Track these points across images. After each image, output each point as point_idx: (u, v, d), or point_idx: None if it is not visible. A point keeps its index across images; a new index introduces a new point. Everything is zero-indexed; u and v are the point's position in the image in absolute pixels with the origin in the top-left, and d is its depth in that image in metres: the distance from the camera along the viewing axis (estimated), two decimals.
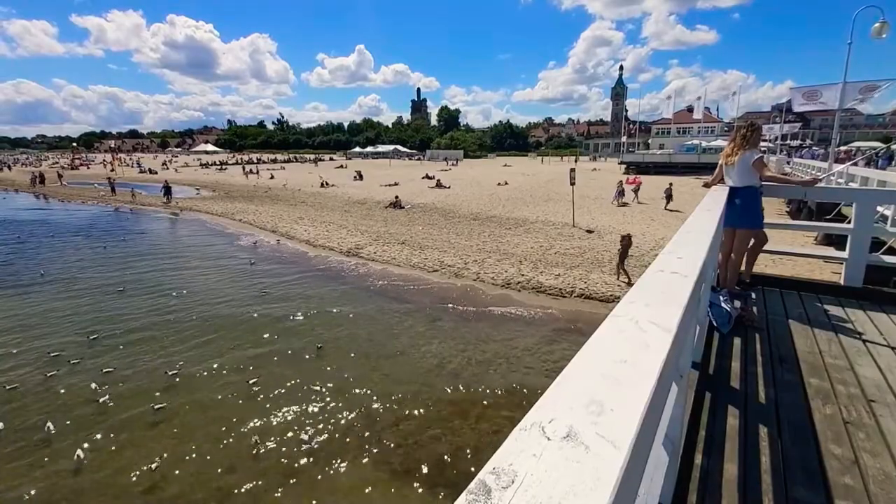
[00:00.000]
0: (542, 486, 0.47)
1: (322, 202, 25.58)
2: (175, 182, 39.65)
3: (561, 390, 0.68)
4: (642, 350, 0.83)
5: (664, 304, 1.10)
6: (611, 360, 0.79)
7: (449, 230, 17.01)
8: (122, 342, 8.29)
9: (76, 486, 4.87)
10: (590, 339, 0.87)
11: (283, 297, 10.72)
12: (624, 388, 0.68)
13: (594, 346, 0.85)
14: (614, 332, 0.93)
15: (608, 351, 0.83)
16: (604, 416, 0.59)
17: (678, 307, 1.08)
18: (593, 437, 0.55)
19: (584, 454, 0.52)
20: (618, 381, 0.70)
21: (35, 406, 6.29)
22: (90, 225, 21.19)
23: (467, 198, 25.29)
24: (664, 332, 0.92)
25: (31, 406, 6.30)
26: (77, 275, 12.67)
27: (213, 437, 5.61)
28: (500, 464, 0.50)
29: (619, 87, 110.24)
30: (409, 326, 8.96)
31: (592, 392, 0.66)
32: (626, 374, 0.73)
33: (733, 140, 4.51)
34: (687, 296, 1.17)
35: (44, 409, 6.22)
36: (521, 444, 0.53)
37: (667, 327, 0.94)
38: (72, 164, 63.83)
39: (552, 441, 0.54)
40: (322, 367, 7.40)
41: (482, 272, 11.87)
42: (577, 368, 0.76)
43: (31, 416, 6.06)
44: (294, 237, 16.84)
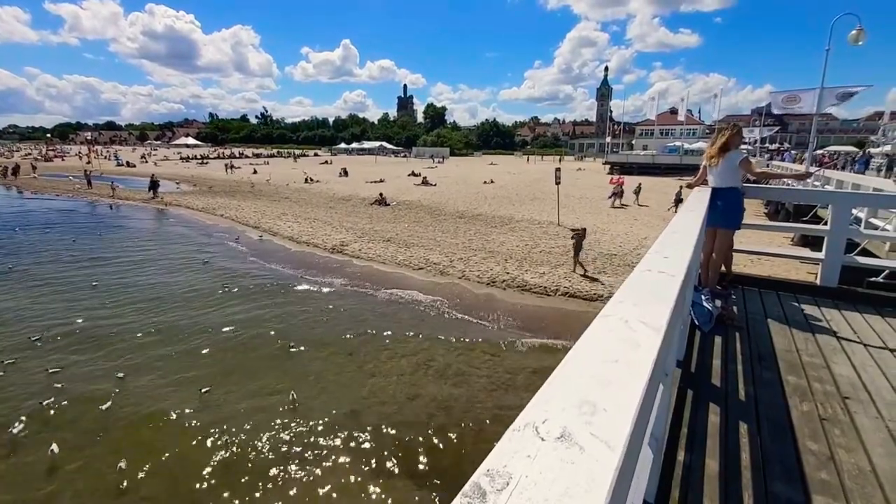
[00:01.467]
0: (537, 488, 0.46)
1: (306, 198, 25.28)
2: (157, 175, 38.76)
3: (553, 390, 0.67)
4: (633, 349, 0.83)
5: (652, 303, 1.10)
6: (602, 359, 0.78)
7: (435, 228, 16.98)
8: (81, 341, 8.07)
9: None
10: (580, 339, 0.87)
11: (258, 292, 10.58)
12: (616, 387, 0.68)
13: (585, 345, 0.85)
14: (605, 332, 0.93)
15: (599, 351, 0.83)
16: (597, 417, 0.59)
17: (666, 306, 1.08)
18: (587, 437, 0.54)
19: (578, 455, 0.51)
20: (609, 381, 0.70)
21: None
22: (63, 219, 20.52)
23: (453, 196, 25.29)
24: (654, 331, 0.92)
25: None
26: (44, 269, 12.29)
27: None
28: (494, 465, 0.49)
29: (605, 87, 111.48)
30: (395, 323, 8.93)
31: (585, 392, 0.66)
32: (618, 374, 0.73)
33: (715, 142, 4.58)
34: (675, 295, 1.18)
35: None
36: (516, 444, 0.52)
37: (656, 326, 0.94)
38: (45, 156, 61.83)
39: (546, 442, 0.53)
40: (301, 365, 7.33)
41: (468, 270, 11.88)
42: (568, 368, 0.75)
43: None
44: (277, 233, 16.60)
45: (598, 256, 12.75)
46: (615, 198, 21.98)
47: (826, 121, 78.43)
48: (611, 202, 21.84)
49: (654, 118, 46.95)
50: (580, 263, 11.51)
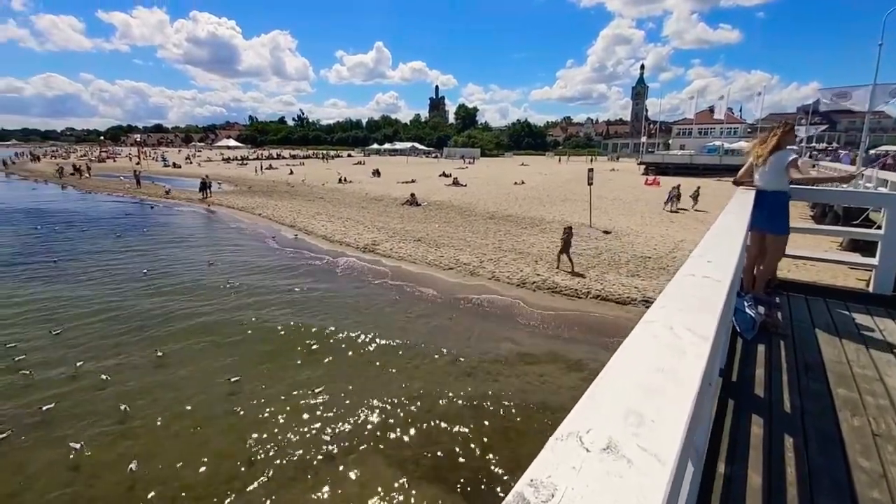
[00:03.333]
0: (583, 501, 0.45)
1: (340, 198, 25.79)
2: (199, 176, 40.58)
3: (596, 399, 0.65)
4: (679, 358, 0.80)
5: (698, 310, 1.06)
6: (646, 368, 0.76)
7: (465, 228, 16.98)
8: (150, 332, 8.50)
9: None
10: (623, 346, 0.84)
11: (290, 289, 10.85)
12: (663, 398, 0.66)
13: (628, 353, 0.82)
14: (648, 339, 0.89)
15: (643, 359, 0.80)
16: (644, 428, 0.57)
17: (713, 314, 1.03)
18: (635, 450, 0.52)
19: (626, 468, 0.50)
20: (656, 391, 0.67)
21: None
22: (112, 216, 21.78)
23: (483, 196, 25.22)
24: (701, 339, 0.88)
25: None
26: (93, 263, 13.02)
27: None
28: (538, 475, 0.48)
29: (640, 86, 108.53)
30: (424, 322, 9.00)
31: (630, 402, 0.63)
32: (665, 384, 0.70)
33: (764, 141, 4.34)
34: (722, 302, 1.13)
35: None
36: (559, 455, 0.51)
37: (704, 335, 0.90)
38: (99, 157, 65.74)
39: (591, 453, 0.52)
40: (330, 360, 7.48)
41: (497, 271, 11.82)
42: (611, 376, 0.73)
43: None
44: (312, 232, 17.01)
45: (631, 259, 12.42)
46: (672, 202, 20.21)
47: (878, 119, 73.54)
48: (668, 206, 20.13)
49: (692, 117, 45.40)
50: (570, 259, 11.71)
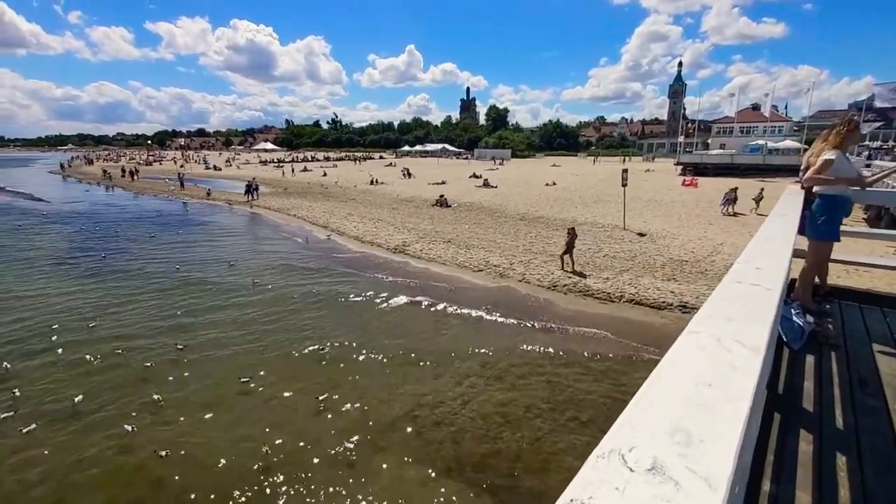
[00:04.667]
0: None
1: (371, 199, 26.16)
2: (238, 178, 42.20)
3: (640, 414, 0.62)
4: (729, 372, 0.75)
5: (748, 319, 0.99)
6: (693, 382, 0.71)
7: (495, 230, 16.88)
8: (193, 322, 8.86)
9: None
10: (666, 357, 0.80)
11: (322, 289, 11.05)
12: (713, 415, 0.62)
13: (673, 365, 0.78)
14: (695, 350, 0.84)
15: (690, 371, 0.76)
16: (693, 448, 0.53)
17: (764, 325, 0.97)
18: (683, 472, 0.49)
19: (673, 492, 0.47)
20: (705, 408, 0.63)
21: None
22: (156, 216, 22.96)
23: (514, 197, 25.01)
24: (752, 352, 0.83)
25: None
26: (135, 259, 13.68)
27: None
28: (578, 495, 0.46)
29: (678, 84, 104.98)
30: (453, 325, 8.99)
31: (677, 418, 0.60)
32: (714, 400, 0.66)
33: (825, 139, 4.08)
34: (773, 312, 1.06)
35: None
36: (601, 473, 0.49)
37: (755, 347, 0.85)
38: (147, 161, 69.36)
39: (636, 473, 0.49)
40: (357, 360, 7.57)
41: (528, 273, 11.68)
42: (655, 390, 0.69)
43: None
44: (344, 233, 17.32)
45: (667, 262, 12.03)
46: (728, 205, 18.80)
47: None
48: (724, 209, 18.80)
49: (733, 115, 43.51)
50: (572, 260, 11.88)
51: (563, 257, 11.98)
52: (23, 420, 5.86)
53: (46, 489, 4.82)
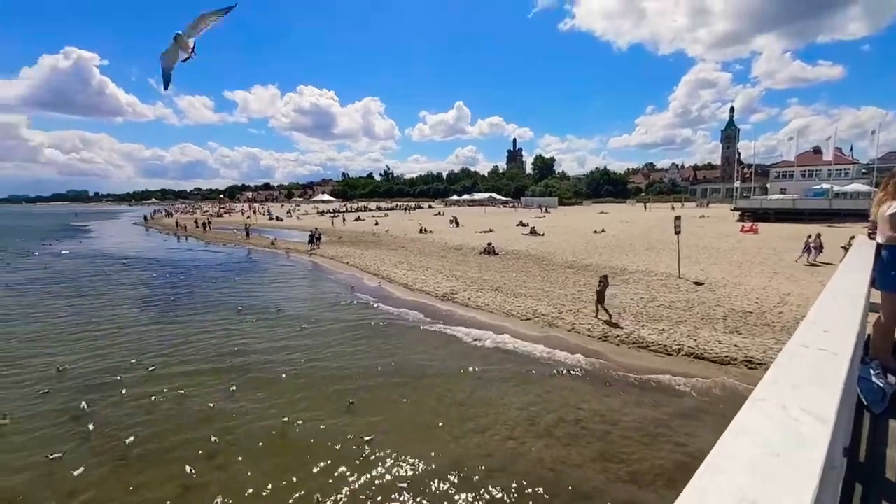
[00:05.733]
0: None
1: (420, 247, 26.91)
2: (297, 227, 45.01)
3: (707, 482, 0.63)
4: (796, 442, 0.76)
5: (815, 387, 0.98)
6: (761, 451, 0.73)
7: (543, 278, 16.82)
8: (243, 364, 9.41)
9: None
10: (732, 424, 0.82)
11: (372, 334, 11.37)
12: (780, 487, 0.63)
13: (739, 433, 0.79)
14: (760, 419, 0.84)
15: (756, 441, 0.76)
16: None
17: (832, 392, 0.96)
18: None
19: None
20: (772, 478, 0.65)
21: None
22: (222, 263, 24.92)
23: (562, 245, 24.88)
24: (820, 422, 0.82)
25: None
26: (202, 301, 14.76)
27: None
28: None
29: (730, 129, 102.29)
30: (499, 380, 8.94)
31: (744, 489, 0.61)
32: (781, 471, 0.67)
33: (885, 187, 3.97)
34: (842, 379, 1.04)
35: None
36: None
37: (822, 416, 0.84)
38: (218, 213, 75.72)
39: None
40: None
41: (577, 323, 11.50)
42: (722, 459, 0.71)
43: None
44: (394, 280, 17.86)
45: (728, 313, 11.43)
46: (812, 252, 17.10)
47: None
48: (804, 258, 17.16)
49: (792, 159, 41.43)
50: (605, 309, 11.71)
51: (596, 306, 11.88)
52: (93, 456, 6.33)
53: None
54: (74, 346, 10.93)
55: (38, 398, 8.12)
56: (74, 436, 6.87)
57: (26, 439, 6.83)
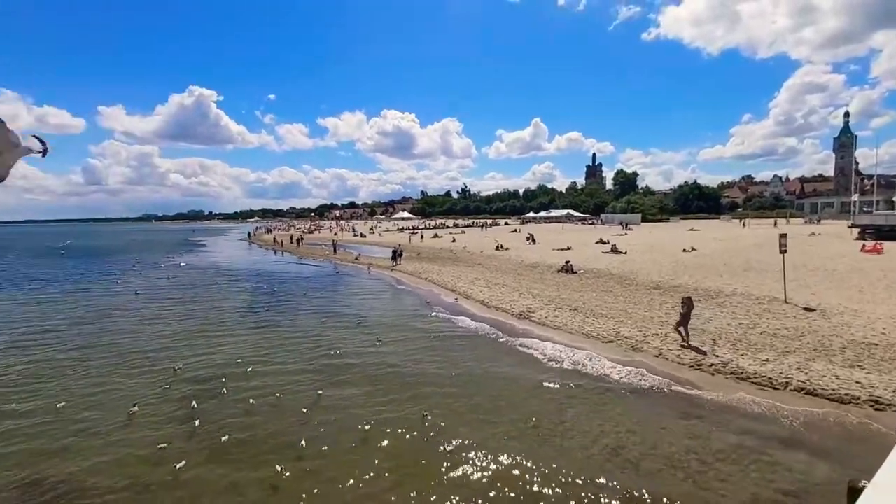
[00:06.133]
0: None
1: (496, 265, 26.98)
2: (378, 244, 47.39)
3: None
4: None
5: None
6: None
7: (625, 298, 16.07)
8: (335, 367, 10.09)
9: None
10: (881, 472, 0.78)
11: (452, 348, 11.56)
12: None
13: (885, 488, 0.75)
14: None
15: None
16: None
17: None
18: None
19: None
20: None
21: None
22: (313, 276, 26.99)
23: (646, 264, 23.56)
24: None
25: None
26: (293, 311, 15.99)
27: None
28: None
29: (846, 135, 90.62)
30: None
31: None
32: None
33: None
34: None
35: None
36: None
37: None
38: (309, 230, 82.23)
39: None
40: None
41: (665, 348, 10.84)
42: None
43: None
44: (470, 297, 18.09)
45: (847, 345, 10.12)
46: None
47: None
48: None
49: None
50: (686, 333, 10.98)
51: (678, 329, 11.12)
52: (195, 450, 7.01)
53: None
54: (189, 348, 12.45)
55: (158, 393, 9.30)
56: (182, 430, 7.69)
57: (143, 428, 7.78)
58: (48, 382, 9.95)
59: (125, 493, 6.02)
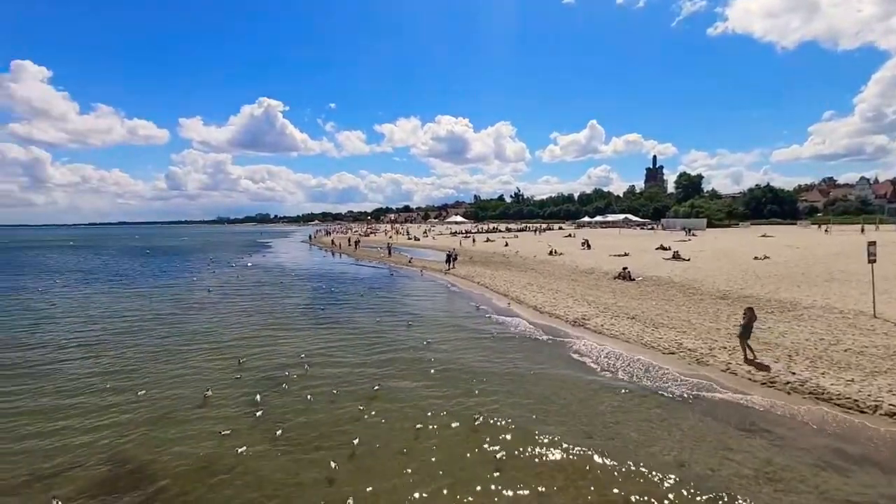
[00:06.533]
0: None
1: (550, 270, 26.53)
2: (431, 247, 48.11)
3: None
4: None
5: None
6: None
7: (689, 308, 15.26)
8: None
9: None
10: None
11: (508, 352, 11.51)
12: None
13: None
14: None
15: None
16: None
17: None
18: None
19: None
20: None
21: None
22: (368, 277, 27.90)
23: (712, 272, 22.19)
24: None
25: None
26: (349, 311, 16.56)
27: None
28: None
29: None
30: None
31: None
32: None
33: None
34: None
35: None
36: None
37: None
38: (365, 233, 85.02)
39: None
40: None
41: (734, 362, 10.19)
42: None
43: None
44: (523, 302, 17.92)
45: None
46: None
47: None
48: None
49: None
50: (749, 347, 10.34)
51: (741, 341, 10.44)
52: (256, 439, 7.46)
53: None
54: (255, 342, 13.33)
55: (228, 383, 10.04)
56: (245, 419, 8.23)
57: (212, 414, 8.45)
58: (135, 371, 11.06)
59: (194, 473, 6.54)
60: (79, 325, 15.91)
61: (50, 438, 7.63)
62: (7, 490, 6.28)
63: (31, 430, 7.97)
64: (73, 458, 7.01)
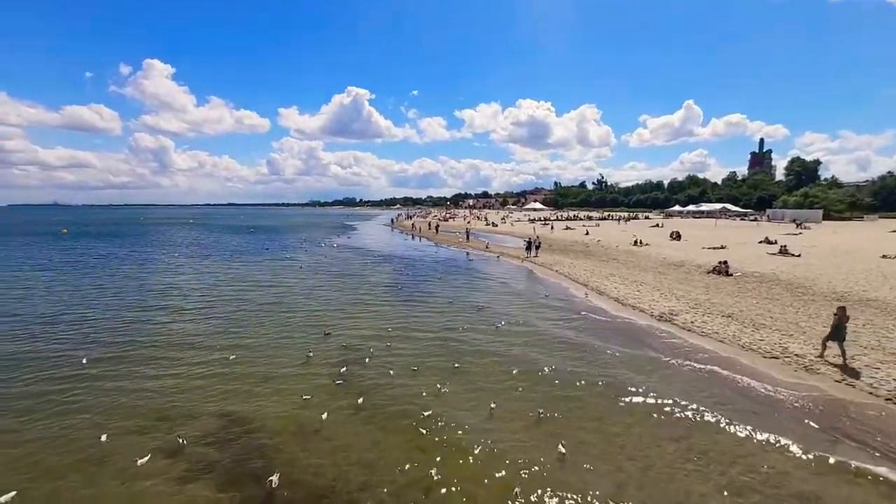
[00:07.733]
0: None
1: (634, 261, 25.23)
2: (509, 233, 48.01)
3: None
4: None
5: None
6: None
7: (797, 309, 13.77)
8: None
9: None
10: None
11: (584, 346, 11.26)
12: None
13: None
14: None
15: None
16: None
17: None
18: None
19: None
20: None
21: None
22: (446, 260, 28.67)
23: (827, 270, 19.68)
24: None
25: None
26: (426, 295, 17.10)
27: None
28: None
29: None
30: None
31: None
32: None
33: None
34: None
35: None
36: None
37: None
38: (444, 218, 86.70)
39: None
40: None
41: (847, 376, 9.10)
42: None
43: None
44: (604, 293, 17.28)
45: None
46: None
47: None
48: None
49: None
50: (842, 352, 9.56)
51: (824, 342, 9.87)
52: (338, 407, 7.99)
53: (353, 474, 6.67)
54: (342, 315, 14.42)
55: (318, 350, 10.94)
56: (328, 387, 8.90)
57: (303, 379, 9.25)
58: (237, 333, 12.52)
59: (288, 433, 7.22)
60: (195, 293, 18.30)
61: (171, 387, 8.94)
62: (141, 428, 7.42)
63: (152, 375, 9.54)
64: (191, 405, 8.15)
